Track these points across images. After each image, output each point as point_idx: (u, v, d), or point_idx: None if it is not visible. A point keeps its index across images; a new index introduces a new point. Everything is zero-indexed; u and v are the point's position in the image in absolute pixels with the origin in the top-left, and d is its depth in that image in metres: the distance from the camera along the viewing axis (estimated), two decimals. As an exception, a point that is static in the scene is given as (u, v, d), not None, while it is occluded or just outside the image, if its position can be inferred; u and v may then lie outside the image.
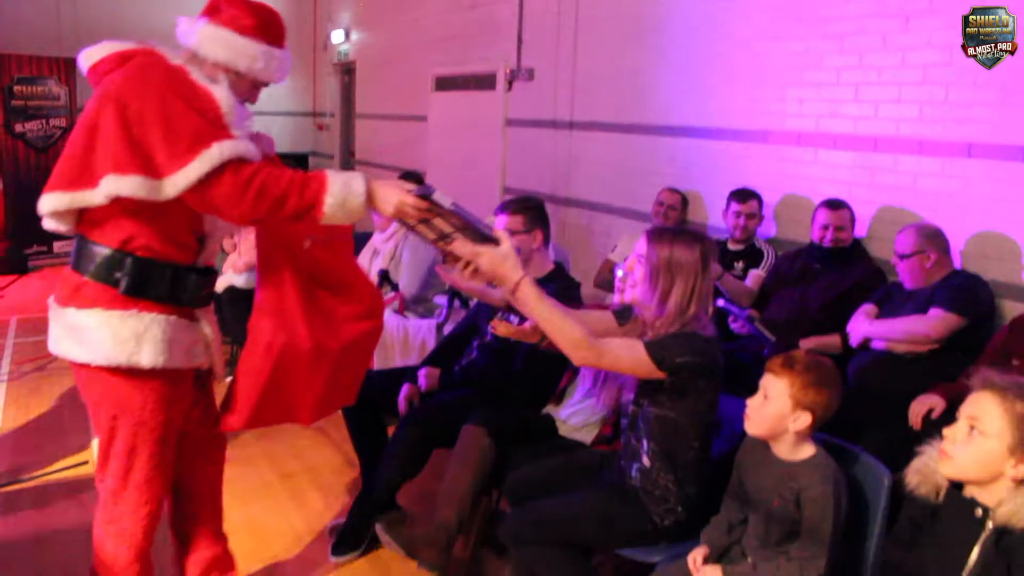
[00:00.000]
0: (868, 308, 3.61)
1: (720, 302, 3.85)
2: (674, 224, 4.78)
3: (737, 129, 4.78)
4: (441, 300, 4.58)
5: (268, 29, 2.26)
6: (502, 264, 2.17)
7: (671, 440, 2.44)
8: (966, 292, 3.35)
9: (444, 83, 7.81)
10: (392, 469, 3.11)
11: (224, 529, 2.74)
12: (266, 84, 2.33)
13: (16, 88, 8.74)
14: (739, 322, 3.90)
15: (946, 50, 3.68)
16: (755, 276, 4.33)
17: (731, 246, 4.46)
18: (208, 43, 2.20)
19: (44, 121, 8.90)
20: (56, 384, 5.05)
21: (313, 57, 11.27)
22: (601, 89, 5.90)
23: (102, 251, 2.15)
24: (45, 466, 3.93)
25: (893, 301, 3.56)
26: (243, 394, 2.38)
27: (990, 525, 1.74)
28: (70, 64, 9.01)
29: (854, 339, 3.54)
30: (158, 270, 2.19)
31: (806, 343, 3.69)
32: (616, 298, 3.12)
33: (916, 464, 1.91)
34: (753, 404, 2.22)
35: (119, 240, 2.14)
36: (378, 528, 2.89)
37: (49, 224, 2.18)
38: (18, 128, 8.74)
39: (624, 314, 2.63)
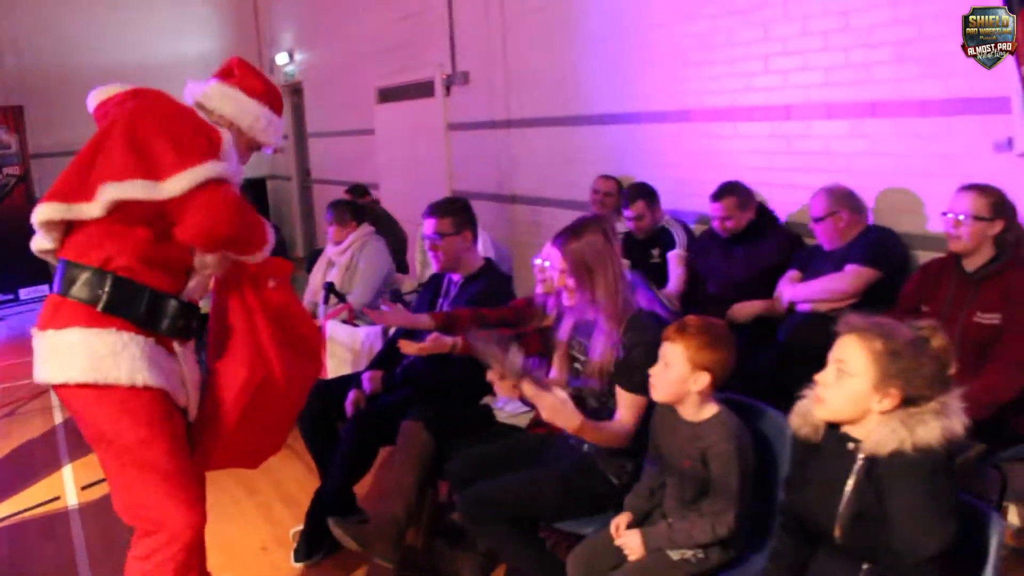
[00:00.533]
0: (792, 273, 3.75)
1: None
2: (612, 210, 4.88)
3: (659, 111, 4.90)
4: (388, 308, 4.66)
5: (272, 97, 2.55)
6: (562, 410, 2.39)
7: None
8: (878, 246, 3.48)
9: (386, 94, 7.93)
10: (341, 470, 3.23)
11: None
12: (259, 148, 2.56)
13: (-34, 139, 8.79)
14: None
15: (841, 15, 3.81)
16: (676, 256, 4.33)
17: (639, 236, 4.47)
18: (218, 98, 2.44)
19: (-3, 170, 8.94)
20: (25, 427, 5.14)
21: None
22: (533, 85, 6.02)
23: (84, 271, 2.20)
24: (18, 506, 4.02)
25: (814, 263, 3.69)
26: (208, 436, 2.41)
27: (861, 456, 1.86)
28: (18, 112, 9.07)
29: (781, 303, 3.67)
30: (138, 291, 2.24)
31: (747, 308, 3.81)
32: (539, 288, 3.24)
33: (798, 408, 2.02)
34: (655, 372, 2.34)
35: (100, 260, 2.20)
36: (330, 523, 2.99)
37: (38, 240, 2.29)
38: (-29, 179, 8.78)
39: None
